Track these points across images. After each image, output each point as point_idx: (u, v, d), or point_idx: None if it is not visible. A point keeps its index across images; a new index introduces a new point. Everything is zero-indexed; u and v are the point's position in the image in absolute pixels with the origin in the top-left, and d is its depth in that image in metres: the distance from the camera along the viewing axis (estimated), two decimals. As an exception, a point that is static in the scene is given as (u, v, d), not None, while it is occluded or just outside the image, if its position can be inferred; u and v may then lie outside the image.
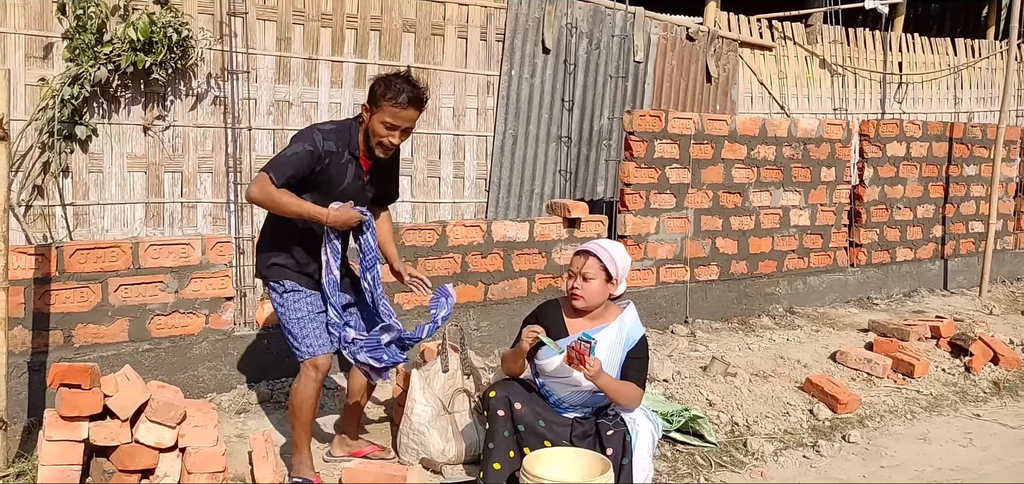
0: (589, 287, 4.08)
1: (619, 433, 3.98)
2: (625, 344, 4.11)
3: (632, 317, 4.18)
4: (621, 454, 3.93)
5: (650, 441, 4.09)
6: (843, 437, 5.32)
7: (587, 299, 4.10)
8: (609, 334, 4.12)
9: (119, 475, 4.00)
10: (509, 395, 4.10)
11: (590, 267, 4.08)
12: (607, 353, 4.10)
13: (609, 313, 4.18)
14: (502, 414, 4.08)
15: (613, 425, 4.03)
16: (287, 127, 6.78)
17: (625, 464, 3.94)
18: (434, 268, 6.03)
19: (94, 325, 4.94)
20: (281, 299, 4.15)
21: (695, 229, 7.40)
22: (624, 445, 3.95)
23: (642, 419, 4.12)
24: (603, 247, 4.12)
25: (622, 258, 4.13)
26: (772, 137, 7.76)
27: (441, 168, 7.54)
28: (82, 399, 3.92)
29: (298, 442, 4.21)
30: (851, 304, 8.39)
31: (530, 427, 4.06)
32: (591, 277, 4.08)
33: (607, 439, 3.97)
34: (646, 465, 4.02)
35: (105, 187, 6.10)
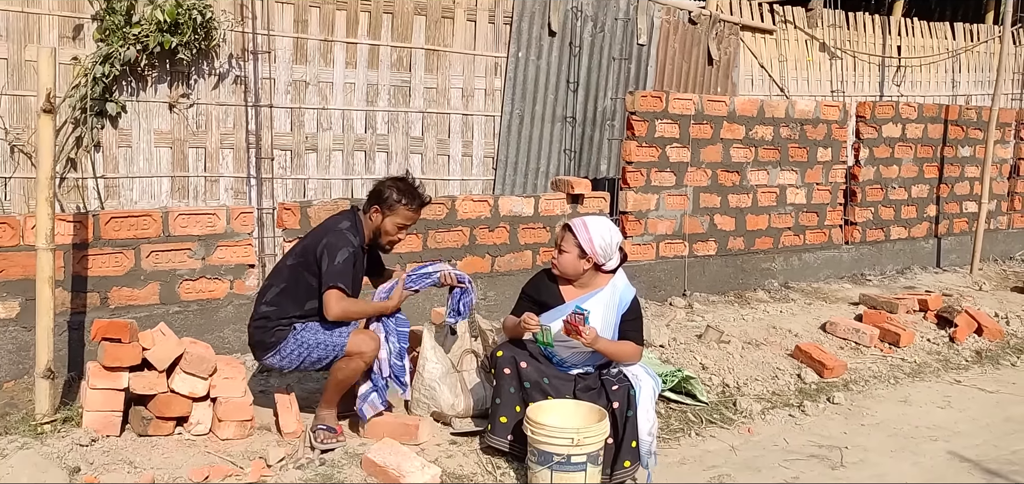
0: (562, 259, 4.45)
1: (623, 387, 4.32)
2: (619, 306, 4.45)
3: (623, 280, 4.52)
4: (626, 406, 4.28)
5: (652, 394, 4.42)
6: (828, 399, 5.65)
7: (562, 269, 4.46)
8: (603, 299, 4.46)
9: (156, 422, 4.37)
10: (515, 355, 4.44)
11: (566, 242, 4.44)
12: (602, 317, 4.43)
13: (600, 281, 4.50)
14: (508, 372, 4.43)
15: (617, 380, 4.37)
16: (304, 106, 7.13)
17: (630, 416, 4.28)
18: (443, 241, 6.37)
19: (128, 288, 5.30)
20: (295, 338, 4.42)
21: (694, 206, 7.72)
22: (628, 398, 4.30)
23: (643, 374, 4.46)
24: (583, 226, 4.43)
25: (600, 238, 4.39)
26: (770, 118, 8.06)
27: (450, 146, 7.88)
28: (123, 351, 4.29)
29: (330, 400, 4.53)
30: (845, 280, 8.70)
31: (535, 384, 4.41)
32: (565, 251, 4.44)
33: (612, 393, 4.31)
34: (650, 416, 4.36)
35: (133, 161, 6.47)
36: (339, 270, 4.31)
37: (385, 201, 4.45)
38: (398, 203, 4.44)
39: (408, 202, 4.46)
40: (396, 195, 4.44)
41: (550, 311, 4.47)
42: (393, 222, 4.47)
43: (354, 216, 4.54)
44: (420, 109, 7.69)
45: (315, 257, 4.38)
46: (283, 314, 4.44)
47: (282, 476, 4.12)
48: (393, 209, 4.45)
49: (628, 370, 4.44)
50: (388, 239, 4.53)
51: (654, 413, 4.40)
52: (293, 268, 4.49)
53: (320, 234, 4.45)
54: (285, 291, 4.45)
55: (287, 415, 4.53)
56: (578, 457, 4.03)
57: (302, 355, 4.45)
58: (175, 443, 4.34)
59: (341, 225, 4.45)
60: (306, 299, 4.43)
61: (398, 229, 4.50)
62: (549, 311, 4.47)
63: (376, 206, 4.47)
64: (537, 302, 4.55)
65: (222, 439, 4.42)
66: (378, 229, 4.50)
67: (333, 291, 4.31)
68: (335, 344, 4.41)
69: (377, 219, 4.48)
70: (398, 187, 4.47)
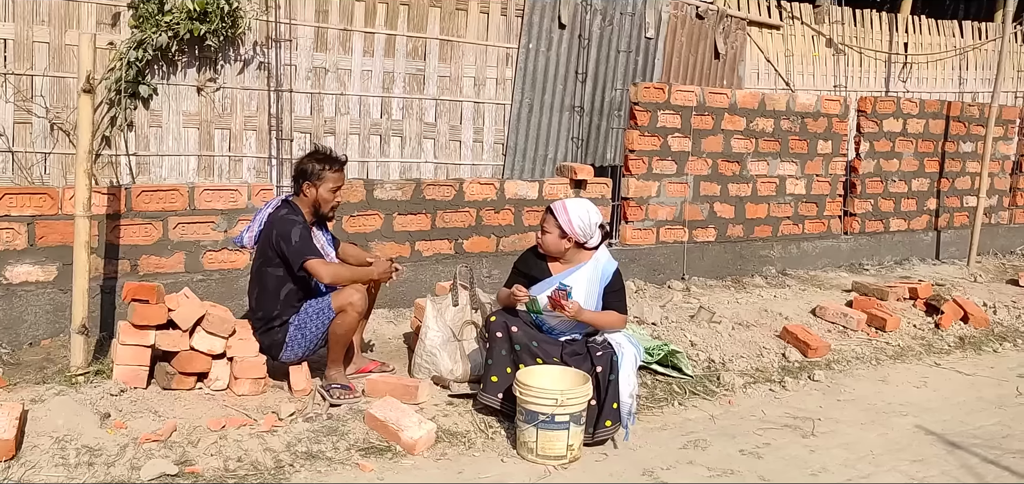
0: (545, 239, 4.84)
1: (607, 354, 4.70)
2: (602, 279, 4.82)
3: (605, 255, 4.89)
4: (609, 371, 4.65)
5: (633, 361, 4.79)
6: (809, 376, 5.97)
7: (545, 248, 4.85)
8: (586, 273, 4.83)
9: (179, 377, 4.79)
10: (507, 320, 4.82)
11: (548, 223, 4.83)
12: (586, 290, 4.81)
13: (583, 256, 4.88)
14: (500, 335, 4.81)
15: (601, 347, 4.74)
16: (324, 92, 7.54)
17: (612, 380, 4.65)
18: (451, 221, 6.75)
19: (156, 257, 5.73)
20: (295, 325, 4.85)
21: (694, 194, 8.04)
22: (611, 363, 4.67)
23: (626, 343, 4.82)
24: (562, 208, 4.80)
25: (578, 219, 4.76)
26: (771, 111, 8.36)
27: (462, 132, 8.26)
28: (150, 311, 4.71)
29: (335, 358, 4.96)
30: (842, 269, 8.98)
31: (525, 347, 4.78)
32: (547, 231, 4.83)
33: (596, 358, 4.69)
34: (631, 381, 4.73)
35: (163, 140, 6.92)
36: (301, 245, 4.74)
37: (311, 175, 4.88)
38: (322, 170, 4.88)
39: (330, 166, 4.88)
40: (317, 165, 4.88)
41: (538, 284, 4.84)
42: (326, 189, 4.90)
43: (287, 203, 4.95)
44: (434, 96, 8.09)
45: (274, 251, 4.80)
46: (270, 313, 4.87)
47: (292, 427, 4.51)
48: (321, 178, 4.88)
49: (612, 338, 4.80)
50: (328, 206, 4.95)
51: (635, 378, 4.76)
52: (258, 270, 4.93)
53: (268, 231, 4.85)
54: (261, 293, 4.91)
55: (298, 374, 4.94)
56: (562, 417, 4.40)
57: (307, 335, 4.86)
58: (195, 396, 4.74)
59: (280, 213, 4.86)
60: (278, 289, 4.86)
61: (333, 193, 4.94)
62: (537, 284, 4.84)
63: (305, 183, 4.90)
64: (526, 276, 4.92)
65: (238, 395, 4.82)
66: (316, 202, 4.91)
67: (310, 261, 4.74)
68: (324, 307, 4.84)
69: (312, 193, 4.90)
70: (316, 158, 4.92)
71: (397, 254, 6.57)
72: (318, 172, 4.89)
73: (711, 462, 4.60)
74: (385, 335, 6.14)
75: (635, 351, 4.81)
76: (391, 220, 6.54)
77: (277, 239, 4.78)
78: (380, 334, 6.13)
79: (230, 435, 4.34)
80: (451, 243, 6.81)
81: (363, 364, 5.36)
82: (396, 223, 6.56)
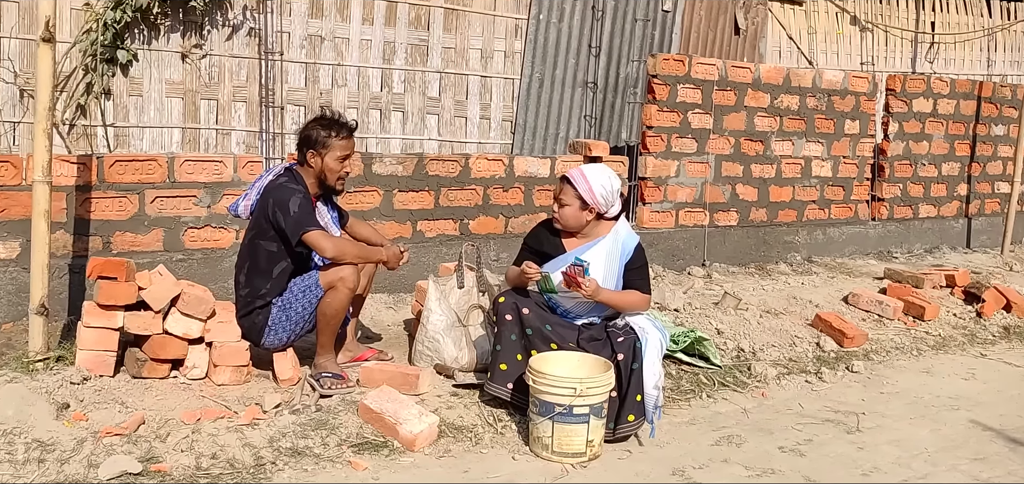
0: (564, 212, 4.29)
1: (629, 339, 4.18)
2: (622, 255, 4.29)
3: (625, 227, 4.36)
4: (631, 358, 4.14)
5: (659, 347, 4.27)
6: (847, 367, 5.46)
7: (563, 222, 4.31)
8: (604, 247, 4.31)
9: (151, 364, 4.29)
10: (517, 302, 4.31)
11: (566, 194, 4.28)
12: (604, 267, 4.29)
13: (602, 229, 4.35)
14: (510, 318, 4.30)
15: (622, 332, 4.22)
16: (319, 61, 7.02)
17: (635, 368, 4.13)
18: (456, 199, 6.25)
19: (131, 233, 5.23)
20: (279, 307, 4.36)
21: (715, 174, 7.53)
22: (634, 350, 4.15)
23: (650, 327, 4.30)
24: (581, 175, 4.27)
25: (600, 186, 4.23)
26: (796, 87, 7.84)
27: (468, 108, 7.74)
28: (118, 289, 4.21)
29: (325, 343, 4.45)
30: (871, 257, 8.47)
31: (537, 331, 4.27)
32: (565, 203, 4.28)
33: (617, 345, 4.17)
34: (656, 369, 4.21)
35: (144, 111, 6.40)
36: (300, 215, 4.24)
37: (317, 142, 4.38)
38: (329, 138, 4.37)
39: (337, 133, 4.39)
40: (324, 132, 4.38)
41: (551, 261, 4.34)
42: (332, 158, 4.40)
43: (289, 172, 4.45)
44: (438, 69, 7.56)
45: (269, 222, 4.29)
46: (257, 291, 4.37)
47: (276, 421, 4.01)
48: (327, 146, 4.38)
49: (635, 322, 4.29)
50: (335, 176, 4.44)
51: (660, 367, 4.24)
52: (250, 243, 4.42)
53: (264, 200, 4.34)
54: (251, 268, 4.39)
55: (283, 362, 4.43)
56: (581, 409, 3.90)
57: (293, 317, 4.36)
58: (169, 386, 4.26)
59: (279, 181, 4.36)
60: (270, 266, 4.36)
61: (340, 163, 4.43)
62: (550, 261, 4.34)
63: (310, 151, 4.40)
64: (538, 253, 4.41)
65: (218, 384, 4.33)
66: (322, 172, 4.41)
67: (310, 233, 4.24)
68: (311, 284, 4.34)
69: (317, 163, 4.40)
70: (322, 124, 4.41)
71: (397, 235, 6.07)
72: (324, 139, 4.38)
73: (748, 460, 4.09)
74: (384, 321, 5.65)
75: (660, 337, 4.29)
76: (391, 197, 6.03)
77: (273, 209, 4.27)
78: (379, 320, 5.64)
79: (205, 429, 3.84)
80: (456, 223, 6.30)
81: (358, 352, 4.86)
82: (396, 201, 6.06)
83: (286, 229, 4.24)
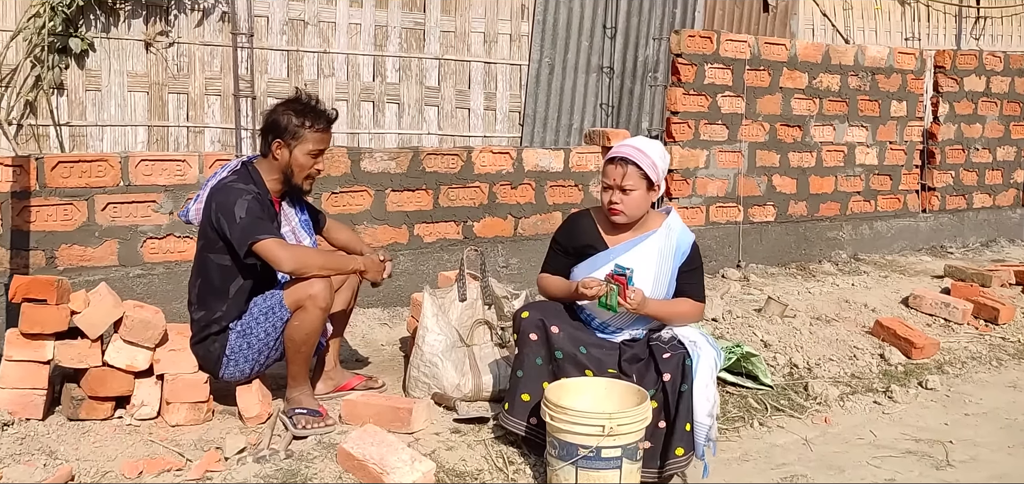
0: (630, 200, 3.50)
1: (677, 356, 3.40)
2: (676, 254, 3.54)
3: (679, 223, 3.61)
4: (680, 380, 3.36)
5: (713, 366, 3.48)
6: (920, 383, 4.66)
7: (628, 214, 3.53)
8: (656, 243, 3.55)
9: (90, 403, 3.58)
10: (544, 316, 3.54)
11: (630, 178, 3.49)
12: (656, 268, 3.53)
13: (651, 221, 3.60)
14: (535, 338, 3.53)
15: (669, 347, 3.45)
16: (302, 48, 6.27)
17: (684, 391, 3.36)
18: (458, 198, 5.49)
19: (79, 246, 4.49)
20: (237, 332, 3.60)
21: (749, 165, 6.74)
22: (683, 370, 3.37)
23: (703, 341, 3.52)
24: (641, 151, 3.51)
25: (661, 159, 3.54)
26: (836, 65, 7.05)
27: (470, 98, 6.96)
28: (46, 314, 3.50)
29: (297, 374, 3.70)
30: (923, 252, 7.65)
31: (569, 354, 3.50)
32: (631, 188, 3.49)
33: (663, 363, 3.39)
34: (710, 394, 3.41)
35: (103, 107, 5.66)
36: (249, 221, 3.45)
37: (286, 131, 3.58)
38: (301, 128, 3.58)
39: (313, 122, 3.60)
40: (296, 120, 3.58)
41: (589, 260, 3.58)
42: (303, 151, 3.61)
43: (243, 167, 3.68)
44: (436, 55, 6.78)
45: (214, 230, 3.53)
46: (212, 314, 3.60)
47: (237, 471, 3.25)
48: (298, 137, 3.59)
49: (683, 334, 3.51)
50: (304, 174, 3.66)
51: (715, 390, 3.45)
52: (199, 257, 3.66)
53: (208, 203, 3.58)
54: (203, 287, 3.63)
55: (247, 397, 3.67)
56: (611, 451, 3.12)
57: (254, 344, 3.60)
58: (112, 429, 3.54)
59: (225, 181, 3.60)
60: (225, 284, 3.59)
61: (313, 159, 3.64)
62: (588, 261, 3.58)
63: (277, 140, 3.60)
64: (575, 251, 3.65)
65: (172, 425, 3.61)
66: (287, 168, 3.63)
67: (261, 243, 3.44)
68: (274, 304, 3.57)
69: (283, 156, 3.61)
70: (294, 110, 3.60)
71: (391, 241, 5.31)
72: (295, 129, 3.59)
73: (820, 510, 3.29)
74: (377, 340, 4.90)
75: (714, 353, 3.50)
76: (383, 198, 5.27)
77: (217, 216, 3.51)
78: (371, 340, 4.89)
79: (146, 485, 3.08)
80: (458, 226, 5.54)
81: (342, 380, 4.10)
82: (389, 202, 5.30)
83: (233, 240, 3.47)
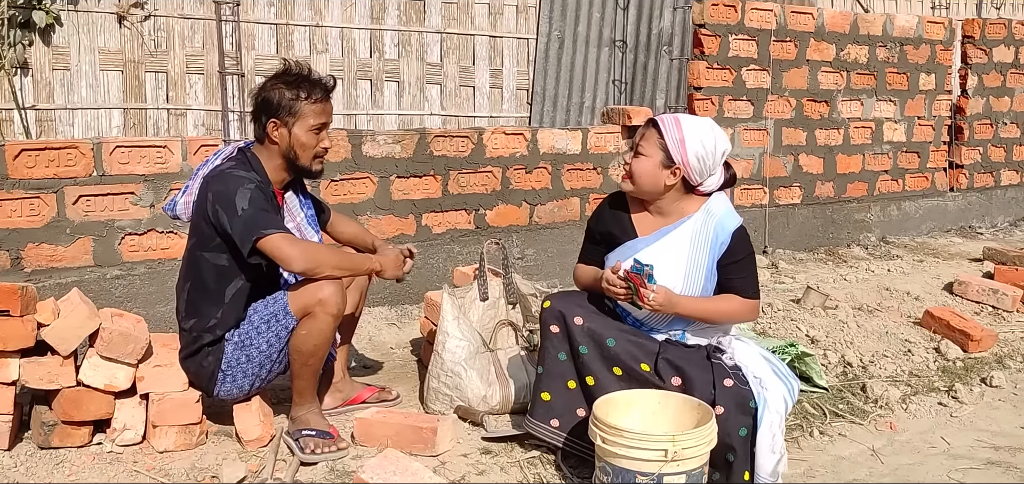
0: (638, 164, 3.05)
1: (740, 393, 2.90)
2: (714, 242, 3.04)
3: (722, 205, 3.11)
4: (738, 419, 2.88)
5: (782, 410, 2.99)
6: (983, 380, 4.24)
7: (635, 180, 3.06)
8: (688, 232, 3.07)
9: (63, 429, 3.11)
10: (565, 307, 3.10)
11: (647, 142, 3.03)
12: (687, 262, 3.05)
13: (688, 205, 3.11)
14: (556, 330, 3.10)
15: (731, 373, 2.96)
16: (293, 22, 5.75)
17: (743, 436, 2.88)
18: (469, 184, 5.02)
19: (48, 245, 3.99)
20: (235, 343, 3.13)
21: (776, 144, 6.30)
22: (743, 410, 2.89)
23: (771, 379, 3.03)
24: (675, 123, 3.01)
25: (697, 142, 2.98)
26: (865, 36, 6.61)
27: (475, 76, 6.46)
28: (8, 328, 3.03)
29: (304, 390, 3.22)
30: (952, 233, 7.26)
31: (594, 348, 3.06)
32: (643, 153, 3.03)
33: (721, 393, 2.91)
34: (776, 444, 2.93)
35: (74, 88, 5.13)
36: (253, 213, 2.98)
37: (280, 108, 3.11)
38: (297, 101, 3.11)
39: (309, 93, 3.13)
40: (289, 93, 3.12)
41: (619, 249, 3.12)
42: (304, 128, 3.13)
43: (240, 153, 3.20)
44: (437, 28, 6.27)
45: (212, 226, 3.05)
46: (205, 322, 3.12)
47: (235, 506, 2.78)
48: (295, 112, 3.12)
49: (748, 365, 3.03)
50: (311, 153, 3.17)
51: (782, 439, 2.97)
52: (191, 255, 3.18)
53: (202, 196, 3.10)
54: (195, 290, 3.15)
55: (246, 417, 3.19)
56: (674, 478, 2.68)
57: (255, 357, 3.13)
58: (91, 458, 3.08)
59: (223, 169, 3.12)
60: (221, 287, 3.11)
61: (316, 134, 3.16)
62: (618, 249, 3.12)
63: (273, 121, 3.13)
64: (603, 238, 3.19)
65: (159, 451, 3.15)
66: (291, 149, 3.14)
67: (268, 239, 2.96)
68: (278, 311, 3.09)
69: (282, 136, 3.14)
70: (285, 83, 3.14)
71: (397, 232, 4.84)
72: (290, 103, 3.11)
73: (909, 539, 2.86)
74: (385, 343, 4.45)
75: (785, 391, 3.02)
76: (387, 185, 4.79)
77: (214, 208, 3.01)
78: (378, 342, 4.44)
79: (127, 530, 2.61)
80: (470, 214, 5.07)
81: (352, 392, 3.63)
82: (395, 189, 4.82)
83: (234, 235, 2.98)
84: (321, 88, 3.17)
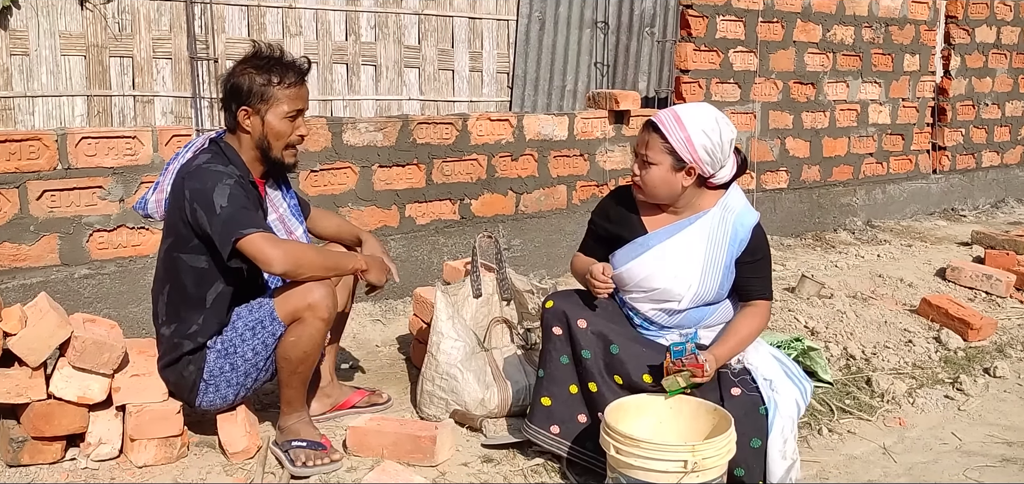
0: (649, 176, 2.86)
1: (749, 400, 2.79)
2: (732, 240, 2.89)
3: (739, 200, 2.95)
4: (749, 429, 2.75)
5: (794, 414, 2.87)
6: (986, 370, 4.16)
7: (648, 191, 2.88)
8: (705, 228, 2.90)
9: (33, 445, 2.90)
10: (569, 308, 2.93)
11: (651, 148, 2.84)
12: (704, 257, 2.90)
13: (703, 200, 2.94)
14: (558, 333, 2.95)
15: (738, 381, 2.83)
16: (264, 3, 5.49)
17: (755, 448, 2.75)
18: (453, 173, 4.82)
19: (11, 244, 3.73)
20: (218, 351, 2.92)
21: (762, 127, 6.17)
22: (752, 420, 2.76)
23: (781, 379, 2.91)
24: (673, 118, 2.83)
25: (702, 134, 2.79)
26: (851, 16, 6.50)
27: (454, 59, 6.24)
28: (-30, 339, 2.75)
29: (293, 398, 3.02)
30: (936, 216, 7.21)
31: (598, 355, 2.91)
32: (651, 161, 2.84)
33: (729, 402, 2.77)
34: (788, 449, 2.81)
35: (33, 75, 4.82)
36: (233, 211, 2.76)
37: (251, 94, 2.89)
38: (268, 86, 2.89)
39: (281, 77, 2.91)
40: (261, 78, 2.89)
41: (627, 246, 2.94)
42: (277, 115, 2.91)
43: (213, 144, 2.99)
44: (415, 10, 6.04)
45: (189, 225, 2.82)
46: (185, 329, 2.90)
47: (222, 528, 2.59)
48: (267, 98, 2.89)
49: (758, 366, 2.90)
50: (284, 143, 2.95)
51: (794, 443, 2.85)
52: (166, 257, 2.94)
53: (177, 193, 2.87)
54: (174, 293, 2.92)
55: (231, 428, 2.99)
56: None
57: (239, 365, 2.92)
58: (64, 475, 2.89)
59: (197, 163, 2.89)
60: (201, 291, 2.89)
61: (290, 123, 2.94)
62: (625, 247, 2.94)
63: (244, 108, 2.90)
64: (607, 236, 3.02)
65: (138, 466, 2.95)
66: (264, 138, 2.93)
67: (248, 238, 2.74)
68: (264, 316, 2.89)
69: (254, 124, 2.92)
70: (256, 67, 2.91)
71: (380, 223, 4.63)
72: (261, 89, 2.88)
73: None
74: (371, 341, 4.26)
75: (798, 394, 2.91)
76: (369, 175, 4.58)
77: (193, 206, 2.79)
78: (363, 340, 4.25)
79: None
80: (454, 204, 4.87)
81: (341, 396, 3.44)
82: (377, 179, 4.61)
83: (213, 235, 2.76)
84: (295, 71, 2.94)
